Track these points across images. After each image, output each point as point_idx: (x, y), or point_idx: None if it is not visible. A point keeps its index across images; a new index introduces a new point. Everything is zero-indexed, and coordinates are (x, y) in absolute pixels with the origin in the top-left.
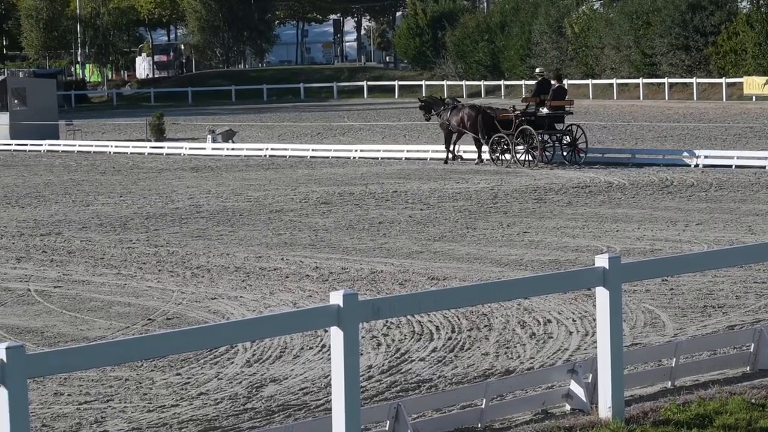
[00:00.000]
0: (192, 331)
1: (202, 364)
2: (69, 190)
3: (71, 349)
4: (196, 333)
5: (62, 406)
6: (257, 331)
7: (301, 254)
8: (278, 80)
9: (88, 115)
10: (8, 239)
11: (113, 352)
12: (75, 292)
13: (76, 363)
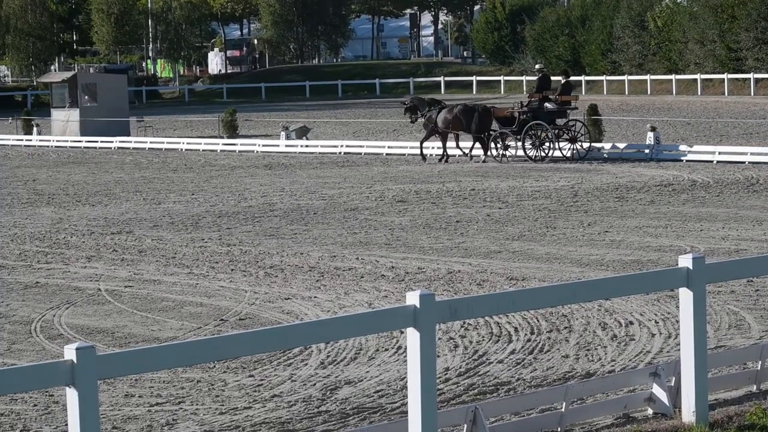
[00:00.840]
0: (265, 331)
1: (276, 365)
2: (140, 188)
3: (142, 349)
4: (270, 334)
5: (133, 408)
6: (332, 332)
7: (376, 254)
8: (353, 76)
9: (159, 111)
10: (78, 238)
11: (185, 353)
12: (146, 291)
13: (147, 364)
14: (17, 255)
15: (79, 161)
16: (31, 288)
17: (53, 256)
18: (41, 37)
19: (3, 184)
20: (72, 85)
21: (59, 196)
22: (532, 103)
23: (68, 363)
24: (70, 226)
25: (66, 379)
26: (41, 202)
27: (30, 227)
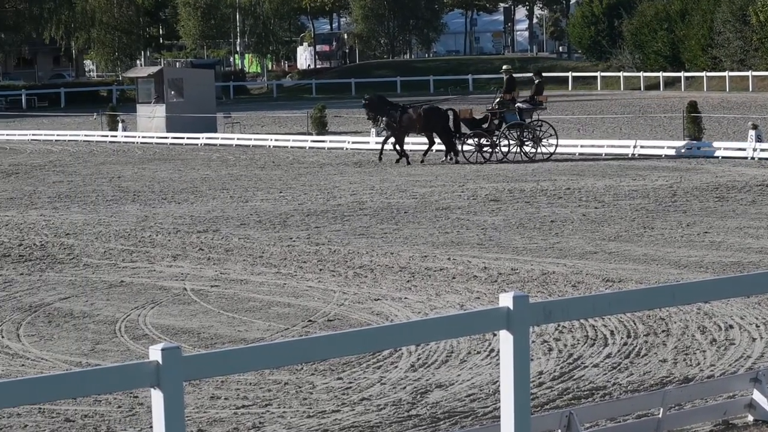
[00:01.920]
0: (354, 333)
1: (365, 368)
2: (227, 186)
3: (229, 351)
4: (359, 335)
5: (219, 411)
6: (422, 335)
7: (468, 254)
8: (445, 71)
9: (246, 107)
10: (164, 236)
11: (272, 355)
12: (233, 291)
13: (234, 366)
14: (102, 253)
15: (165, 158)
16: (116, 287)
17: (138, 255)
18: (127, 31)
19: (88, 181)
20: (158, 80)
21: (145, 193)
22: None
23: (153, 364)
24: (156, 224)
25: (151, 381)
26: (126, 200)
27: (115, 225)
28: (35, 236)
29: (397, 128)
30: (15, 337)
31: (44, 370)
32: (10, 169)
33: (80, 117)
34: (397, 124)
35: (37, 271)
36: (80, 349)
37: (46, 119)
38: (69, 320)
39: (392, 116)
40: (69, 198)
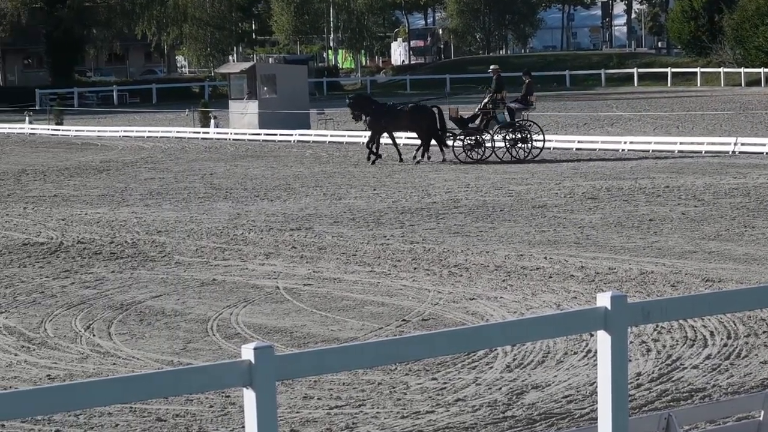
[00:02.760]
0: (449, 333)
1: (460, 368)
2: (320, 183)
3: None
4: (454, 335)
5: (312, 411)
6: (518, 335)
7: (565, 253)
8: (542, 67)
9: (340, 103)
10: (257, 234)
11: (366, 355)
12: (326, 290)
13: (327, 365)
14: (194, 251)
15: (257, 155)
16: (208, 285)
17: (230, 253)
18: (219, 26)
19: (180, 178)
20: (251, 76)
21: (237, 190)
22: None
23: (246, 363)
24: (248, 221)
25: (243, 380)
26: (218, 197)
27: (207, 223)
28: (127, 234)
29: (383, 127)
30: (106, 335)
31: (135, 369)
32: (102, 166)
33: (172, 113)
34: (385, 123)
35: (128, 268)
36: (172, 347)
37: (137, 116)
38: (161, 319)
39: (379, 115)
40: (161, 195)
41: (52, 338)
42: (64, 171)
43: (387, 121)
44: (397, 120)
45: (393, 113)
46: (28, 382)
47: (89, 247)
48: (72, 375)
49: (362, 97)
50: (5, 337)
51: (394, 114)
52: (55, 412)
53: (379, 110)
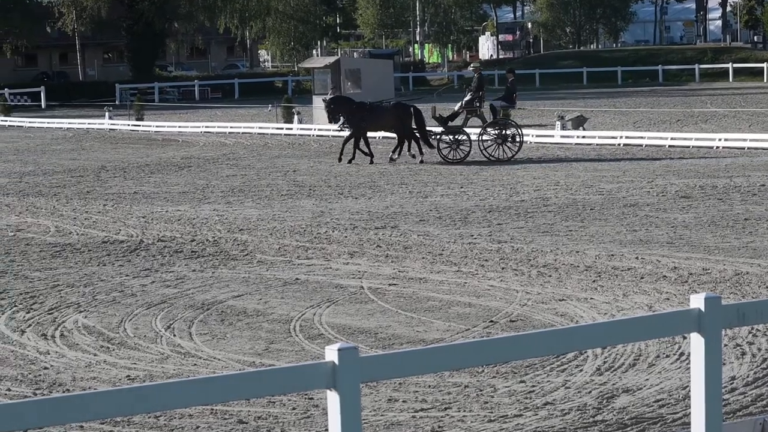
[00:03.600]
0: (538, 334)
1: (548, 371)
2: (406, 180)
3: (407, 352)
4: (543, 337)
5: (396, 414)
6: (609, 337)
7: (657, 253)
8: (634, 62)
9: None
10: (341, 232)
11: (452, 356)
12: (411, 290)
13: (412, 367)
14: (276, 250)
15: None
16: (291, 285)
17: (314, 252)
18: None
19: (262, 174)
20: (335, 70)
21: (320, 188)
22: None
23: (329, 365)
24: (332, 219)
25: (327, 382)
26: (302, 195)
27: (290, 221)
28: (208, 232)
29: (365, 127)
30: (187, 335)
31: (216, 370)
32: (183, 163)
33: (254, 108)
34: (366, 123)
35: (209, 267)
36: (254, 348)
37: (219, 111)
38: (242, 319)
39: (358, 114)
40: (243, 192)
41: (132, 338)
42: (145, 167)
43: (369, 121)
44: (379, 119)
45: (375, 112)
46: (108, 383)
47: (170, 246)
48: (152, 376)
49: (341, 98)
50: (84, 337)
51: (377, 113)
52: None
53: (360, 110)
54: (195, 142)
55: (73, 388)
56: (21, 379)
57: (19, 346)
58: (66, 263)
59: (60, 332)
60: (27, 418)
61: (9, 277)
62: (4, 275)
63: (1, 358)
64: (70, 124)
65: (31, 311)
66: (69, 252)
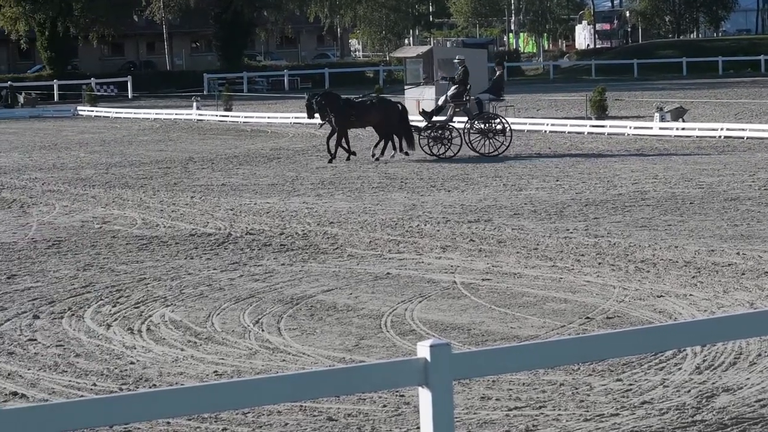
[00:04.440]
0: (636, 332)
1: (646, 369)
2: (500, 173)
3: (501, 348)
4: (641, 334)
5: (490, 412)
6: (710, 334)
7: (759, 248)
8: (735, 51)
9: (521, 89)
10: (433, 226)
11: (547, 354)
12: (505, 285)
13: (506, 364)
14: (367, 243)
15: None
16: (382, 279)
17: (405, 245)
18: (395, 8)
19: (353, 167)
20: (427, 60)
21: (412, 180)
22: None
23: (421, 361)
24: (424, 213)
25: (419, 379)
26: (393, 187)
27: (381, 214)
28: (297, 225)
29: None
30: (276, 330)
31: (306, 366)
32: (272, 154)
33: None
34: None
35: (299, 261)
36: (344, 344)
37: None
38: (332, 314)
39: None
40: (333, 185)
41: (220, 333)
42: (233, 159)
43: (357, 117)
44: (366, 115)
45: (362, 108)
46: (195, 378)
47: (258, 239)
48: (240, 371)
49: (331, 94)
50: (171, 332)
51: (363, 109)
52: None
53: (348, 106)
54: (284, 133)
55: (160, 383)
56: (107, 374)
57: (105, 340)
58: (153, 256)
59: (146, 326)
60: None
61: (95, 270)
62: (90, 268)
63: (87, 353)
64: (158, 115)
65: (118, 305)
66: (156, 245)
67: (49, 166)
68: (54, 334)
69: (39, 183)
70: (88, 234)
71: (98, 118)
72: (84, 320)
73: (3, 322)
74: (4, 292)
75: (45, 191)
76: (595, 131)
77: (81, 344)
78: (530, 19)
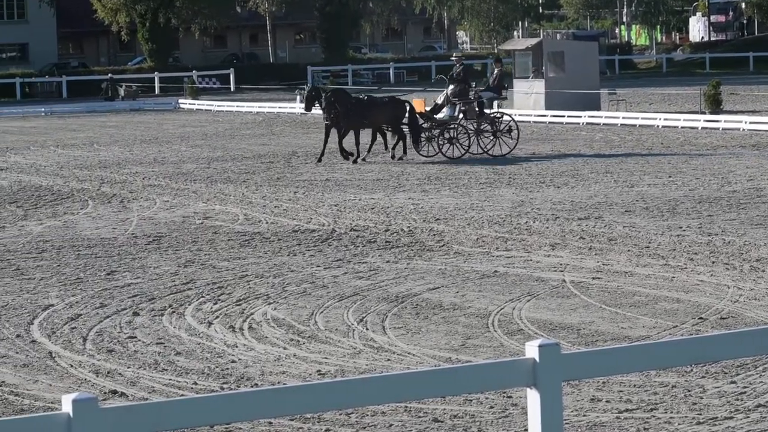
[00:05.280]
0: (751, 333)
1: (761, 371)
2: (610, 169)
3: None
4: (756, 335)
5: (599, 414)
6: None
7: None
8: None
9: (633, 83)
10: (542, 223)
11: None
12: (616, 284)
13: (617, 366)
14: (474, 240)
15: (543, 138)
16: (489, 277)
17: (513, 243)
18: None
19: (459, 161)
20: (536, 53)
21: (520, 176)
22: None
23: (530, 362)
24: (533, 209)
25: (527, 380)
26: (501, 183)
27: (488, 210)
28: (403, 221)
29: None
30: (380, 329)
31: (411, 366)
32: (376, 148)
33: None
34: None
35: (404, 258)
36: (450, 343)
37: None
38: (438, 312)
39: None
40: (439, 180)
41: (323, 331)
42: (337, 153)
43: (368, 117)
44: (378, 114)
45: (372, 107)
46: (297, 377)
47: (363, 235)
48: (343, 371)
49: (341, 92)
50: (274, 330)
51: (374, 108)
52: (325, 410)
53: (359, 105)
54: None
55: (262, 382)
56: (208, 373)
57: (206, 338)
58: (255, 253)
59: (248, 324)
60: (215, 413)
61: (196, 267)
62: (191, 264)
63: (187, 351)
64: (260, 108)
65: (219, 302)
66: (258, 241)
67: (150, 161)
68: (154, 332)
69: (139, 177)
70: (189, 230)
71: (200, 111)
72: (185, 318)
73: (103, 319)
74: (103, 288)
75: (145, 186)
76: (710, 126)
77: (181, 342)
78: (643, 10)
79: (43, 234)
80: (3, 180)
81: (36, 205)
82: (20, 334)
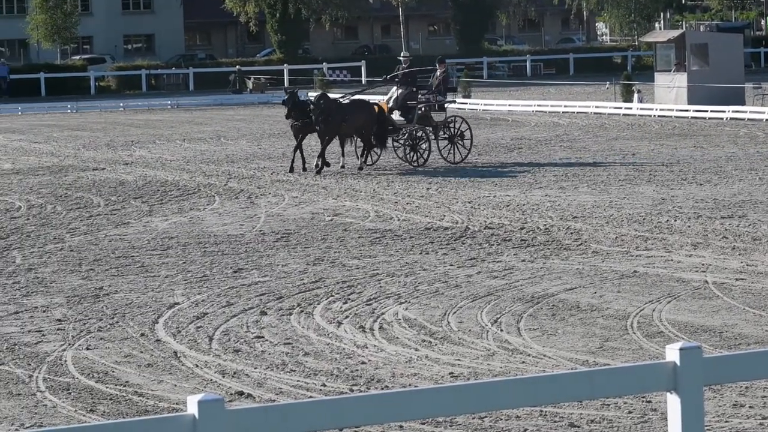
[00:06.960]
0: None
1: None
2: (755, 166)
3: (755, 353)
4: None
5: (742, 420)
6: None
7: None
8: None
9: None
10: (683, 222)
11: None
12: (761, 285)
13: (761, 370)
14: (613, 240)
15: (685, 133)
16: (628, 278)
17: (654, 242)
18: None
19: (598, 158)
20: (679, 45)
21: (662, 173)
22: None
23: (670, 365)
24: (674, 207)
25: (667, 384)
26: (641, 180)
27: (628, 208)
28: (539, 219)
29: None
30: (515, 330)
31: (546, 369)
32: (512, 144)
33: (590, 86)
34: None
35: (540, 257)
36: (587, 346)
37: (552, 88)
38: (575, 314)
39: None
40: (577, 177)
41: (456, 332)
42: (474, 149)
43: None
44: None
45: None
46: (429, 380)
47: (498, 233)
48: (477, 373)
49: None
50: (405, 330)
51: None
52: (458, 414)
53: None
54: (526, 122)
55: (393, 384)
56: (337, 374)
57: (336, 338)
58: (386, 251)
59: (379, 325)
60: (344, 416)
61: (325, 265)
62: (320, 262)
63: (316, 352)
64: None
65: (349, 302)
66: (389, 239)
67: (279, 155)
68: (282, 332)
69: (268, 173)
70: (318, 227)
71: None
72: (313, 317)
73: (229, 318)
74: (230, 286)
75: (274, 181)
76: None
77: (310, 342)
78: None
79: (168, 230)
80: (128, 175)
81: (161, 200)
82: (145, 333)
